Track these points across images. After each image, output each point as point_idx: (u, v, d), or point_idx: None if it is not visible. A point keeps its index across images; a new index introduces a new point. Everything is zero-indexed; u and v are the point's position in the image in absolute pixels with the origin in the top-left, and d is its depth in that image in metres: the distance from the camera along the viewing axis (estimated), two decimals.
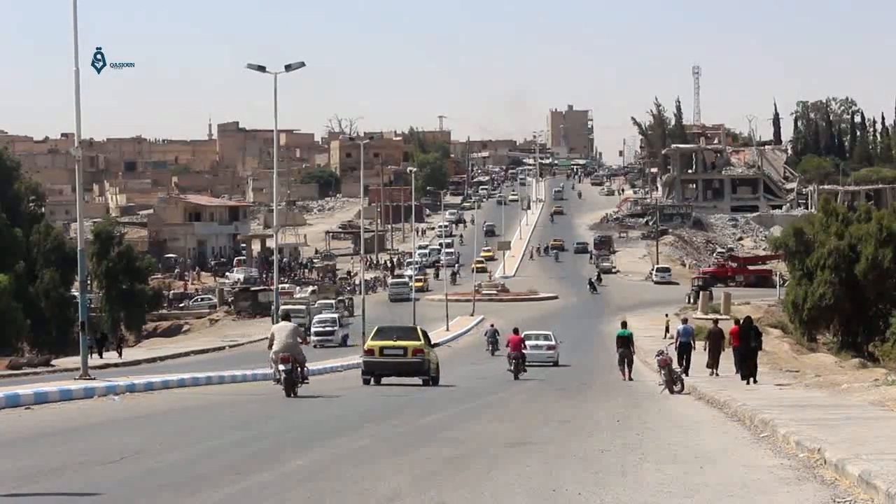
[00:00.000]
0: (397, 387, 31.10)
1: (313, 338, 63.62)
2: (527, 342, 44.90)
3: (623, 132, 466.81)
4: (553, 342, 50.30)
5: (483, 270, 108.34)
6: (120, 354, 60.42)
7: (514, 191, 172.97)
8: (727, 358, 35.96)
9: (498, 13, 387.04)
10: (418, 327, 38.23)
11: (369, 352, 32.62)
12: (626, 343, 37.13)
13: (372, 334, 34.14)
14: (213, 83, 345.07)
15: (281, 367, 25.14)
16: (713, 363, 35.28)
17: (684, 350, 34.63)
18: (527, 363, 41.06)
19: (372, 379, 31.97)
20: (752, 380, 30.87)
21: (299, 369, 25.45)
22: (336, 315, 69.55)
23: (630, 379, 36.56)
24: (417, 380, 32.40)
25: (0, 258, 77.54)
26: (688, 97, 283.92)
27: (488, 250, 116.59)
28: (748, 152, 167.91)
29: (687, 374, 32.09)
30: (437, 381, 33.03)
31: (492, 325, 61.96)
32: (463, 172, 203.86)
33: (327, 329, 67.35)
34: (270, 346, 25.72)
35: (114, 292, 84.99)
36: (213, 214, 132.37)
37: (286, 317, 27.92)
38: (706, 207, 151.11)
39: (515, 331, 41.48)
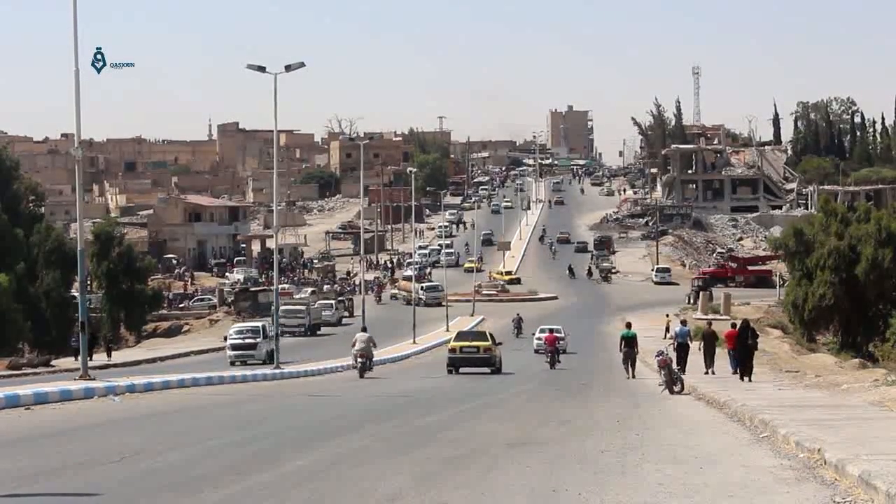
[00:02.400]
0: (462, 376, 40.37)
1: (229, 352, 52.22)
2: (541, 334, 57.53)
3: (623, 132, 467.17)
4: (563, 334, 58.46)
5: (510, 282, 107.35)
6: (109, 356, 60.02)
7: (506, 198, 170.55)
8: (720, 358, 36.93)
9: (498, 13, 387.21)
10: (487, 331, 47.97)
11: (452, 350, 43.17)
12: (630, 343, 38.28)
13: (453, 337, 45.60)
14: (213, 83, 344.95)
15: (359, 360, 39.17)
16: (708, 363, 36.36)
17: (682, 350, 35.71)
18: (544, 352, 49.83)
19: (454, 369, 42.22)
20: (747, 378, 31.79)
21: (369, 362, 39.53)
22: (260, 324, 55.48)
23: (633, 377, 37.33)
24: (487, 369, 42.22)
25: (0, 258, 77.47)
26: (688, 97, 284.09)
27: (473, 260, 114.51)
28: (748, 153, 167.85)
29: (684, 373, 32.58)
30: (500, 370, 42.78)
31: (518, 314, 76.23)
32: (463, 173, 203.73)
33: (247, 341, 52.46)
34: (353, 346, 40.00)
35: (114, 293, 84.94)
36: (213, 215, 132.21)
37: (364, 329, 42.72)
38: (706, 208, 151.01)
39: (551, 330, 51.44)
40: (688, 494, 11.86)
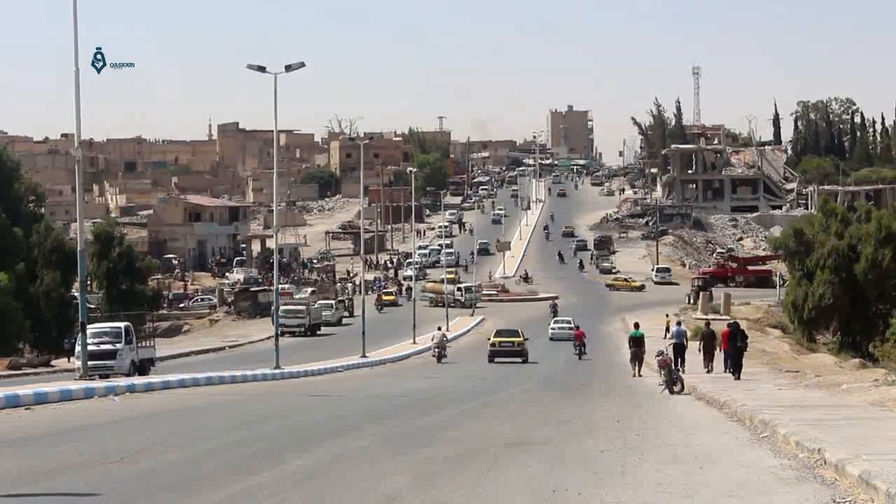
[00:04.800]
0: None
1: (77, 362, 38.04)
2: (555, 325, 69.82)
3: (623, 132, 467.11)
4: (572, 325, 66.28)
5: (639, 288, 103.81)
6: None
7: (501, 206, 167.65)
8: (717, 358, 37.52)
9: (498, 13, 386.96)
10: (519, 329, 56.13)
11: (493, 344, 53.06)
12: (638, 343, 39.60)
13: (493, 334, 55.58)
14: (213, 83, 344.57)
15: (436, 350, 52.88)
16: (707, 362, 37.16)
17: (678, 350, 36.51)
18: (558, 339, 65.25)
19: (494, 358, 51.74)
20: (737, 376, 33.16)
21: (443, 351, 53.17)
22: (123, 325, 43.22)
23: (639, 375, 38.28)
24: (519, 359, 51.51)
25: (0, 258, 77.40)
26: (688, 97, 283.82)
27: (452, 272, 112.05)
28: (748, 153, 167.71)
29: (683, 372, 33.18)
30: (527, 360, 51.78)
31: (553, 301, 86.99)
32: (463, 172, 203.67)
33: (104, 349, 40.51)
34: (432, 340, 54.93)
35: (114, 293, 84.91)
36: (213, 215, 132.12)
37: (440, 328, 58.46)
38: (706, 208, 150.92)
39: (577, 327, 60.00)
40: (688, 494, 11.86)
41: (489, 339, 55.14)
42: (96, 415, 22.57)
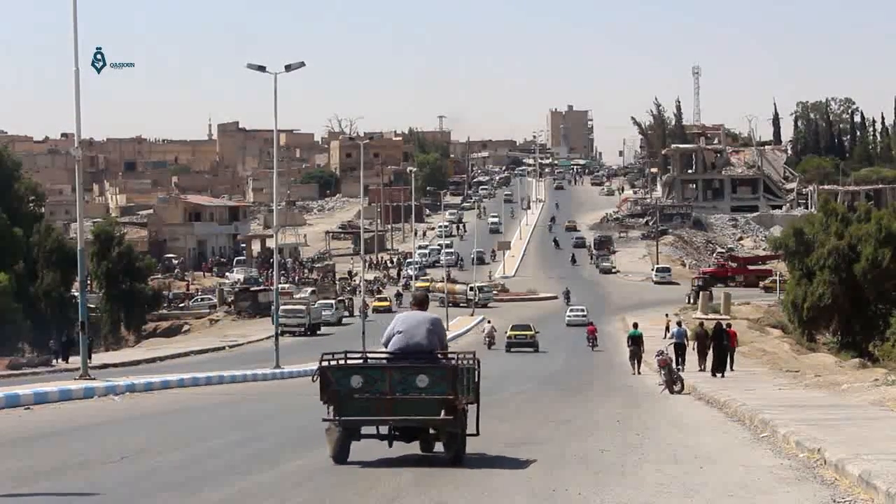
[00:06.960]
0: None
1: None
2: (570, 312, 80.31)
3: (623, 132, 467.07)
4: (585, 312, 77.56)
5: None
6: (66, 360, 58.83)
7: (495, 213, 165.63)
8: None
9: (497, 13, 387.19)
10: (531, 323, 64.85)
11: (509, 336, 61.86)
12: (637, 342, 40.96)
13: (509, 328, 63.53)
14: (213, 83, 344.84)
15: (487, 339, 63.23)
16: (700, 361, 38.05)
17: (679, 350, 37.50)
18: (574, 325, 74.66)
19: (510, 348, 60.52)
20: (721, 374, 34.87)
21: (492, 340, 62.94)
22: None
23: (639, 373, 39.24)
24: (531, 349, 60.23)
25: (0, 258, 77.42)
26: (688, 97, 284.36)
27: (428, 279, 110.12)
28: (748, 152, 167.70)
29: (683, 371, 33.63)
30: (538, 349, 60.16)
31: (567, 288, 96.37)
32: (463, 172, 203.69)
33: None
34: (483, 332, 65.35)
35: (114, 292, 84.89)
36: (213, 214, 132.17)
37: (489, 322, 68.88)
38: (706, 207, 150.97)
39: (591, 323, 67.29)
40: (688, 494, 11.85)
41: (506, 332, 63.21)
42: (96, 415, 22.56)
